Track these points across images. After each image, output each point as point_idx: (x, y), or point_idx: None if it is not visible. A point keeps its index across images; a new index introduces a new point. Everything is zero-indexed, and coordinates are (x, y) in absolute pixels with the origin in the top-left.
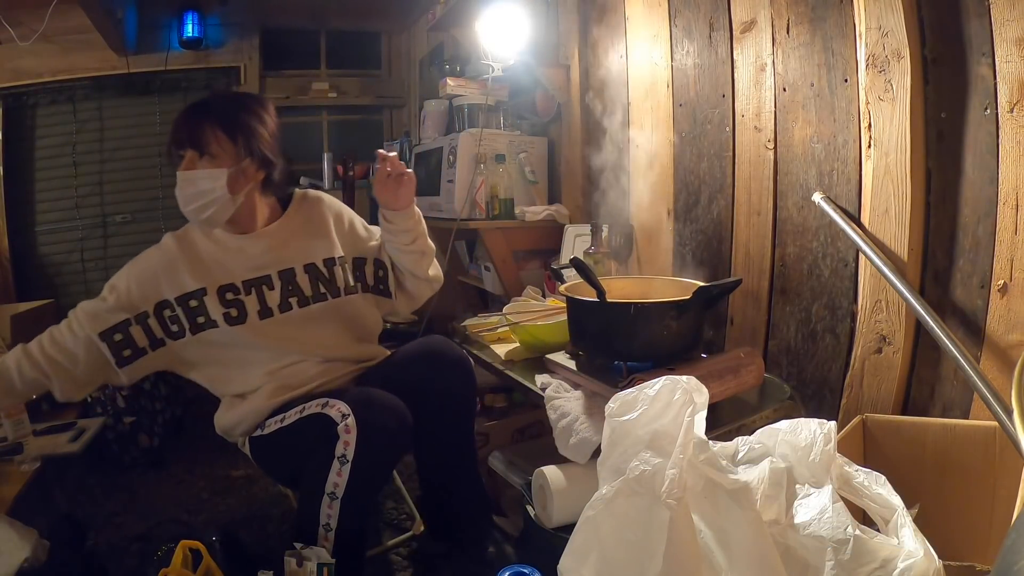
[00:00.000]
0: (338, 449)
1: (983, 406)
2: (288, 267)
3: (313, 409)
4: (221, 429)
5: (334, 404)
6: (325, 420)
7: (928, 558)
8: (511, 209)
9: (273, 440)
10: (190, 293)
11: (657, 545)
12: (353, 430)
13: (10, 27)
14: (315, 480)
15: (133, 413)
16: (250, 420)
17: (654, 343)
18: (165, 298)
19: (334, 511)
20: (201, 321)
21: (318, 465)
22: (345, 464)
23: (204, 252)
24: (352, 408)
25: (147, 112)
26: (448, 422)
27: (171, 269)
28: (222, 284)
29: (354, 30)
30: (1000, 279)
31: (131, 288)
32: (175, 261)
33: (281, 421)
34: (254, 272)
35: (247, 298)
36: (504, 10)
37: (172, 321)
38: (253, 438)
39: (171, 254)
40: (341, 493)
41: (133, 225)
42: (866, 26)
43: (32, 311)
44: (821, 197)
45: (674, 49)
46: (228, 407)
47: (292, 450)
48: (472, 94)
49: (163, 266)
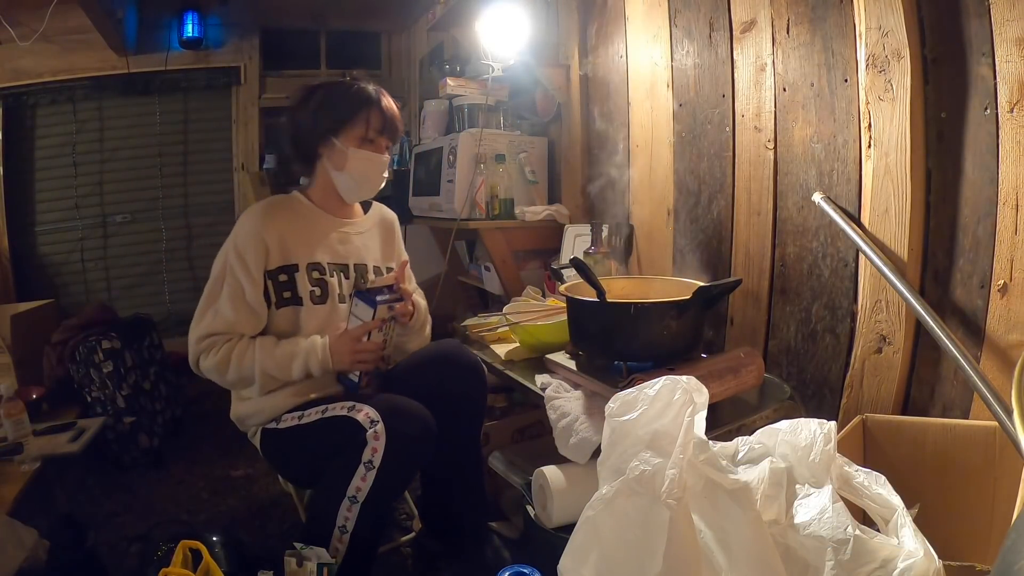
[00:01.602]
0: (365, 455)
1: (983, 406)
2: (362, 262)
3: (338, 411)
4: (236, 416)
5: (361, 409)
6: (353, 424)
7: (928, 558)
8: (511, 209)
9: (288, 436)
10: (284, 267)
11: (657, 545)
12: (382, 437)
13: (10, 27)
14: (337, 482)
15: (133, 413)
16: (268, 413)
17: (654, 343)
18: (268, 268)
19: (352, 514)
20: (287, 296)
21: (342, 468)
22: (371, 470)
23: (293, 229)
24: (382, 415)
25: (147, 112)
26: (459, 425)
27: (269, 241)
28: (310, 262)
29: (354, 30)
30: (1000, 279)
31: (246, 256)
32: (272, 234)
33: (299, 419)
34: (336, 258)
35: (330, 280)
36: (504, 10)
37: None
38: (266, 430)
39: (266, 225)
40: (362, 498)
41: (133, 225)
42: (866, 26)
43: (32, 311)
44: (821, 197)
45: (674, 49)
46: (243, 396)
47: (310, 450)
48: (472, 94)
49: (264, 236)
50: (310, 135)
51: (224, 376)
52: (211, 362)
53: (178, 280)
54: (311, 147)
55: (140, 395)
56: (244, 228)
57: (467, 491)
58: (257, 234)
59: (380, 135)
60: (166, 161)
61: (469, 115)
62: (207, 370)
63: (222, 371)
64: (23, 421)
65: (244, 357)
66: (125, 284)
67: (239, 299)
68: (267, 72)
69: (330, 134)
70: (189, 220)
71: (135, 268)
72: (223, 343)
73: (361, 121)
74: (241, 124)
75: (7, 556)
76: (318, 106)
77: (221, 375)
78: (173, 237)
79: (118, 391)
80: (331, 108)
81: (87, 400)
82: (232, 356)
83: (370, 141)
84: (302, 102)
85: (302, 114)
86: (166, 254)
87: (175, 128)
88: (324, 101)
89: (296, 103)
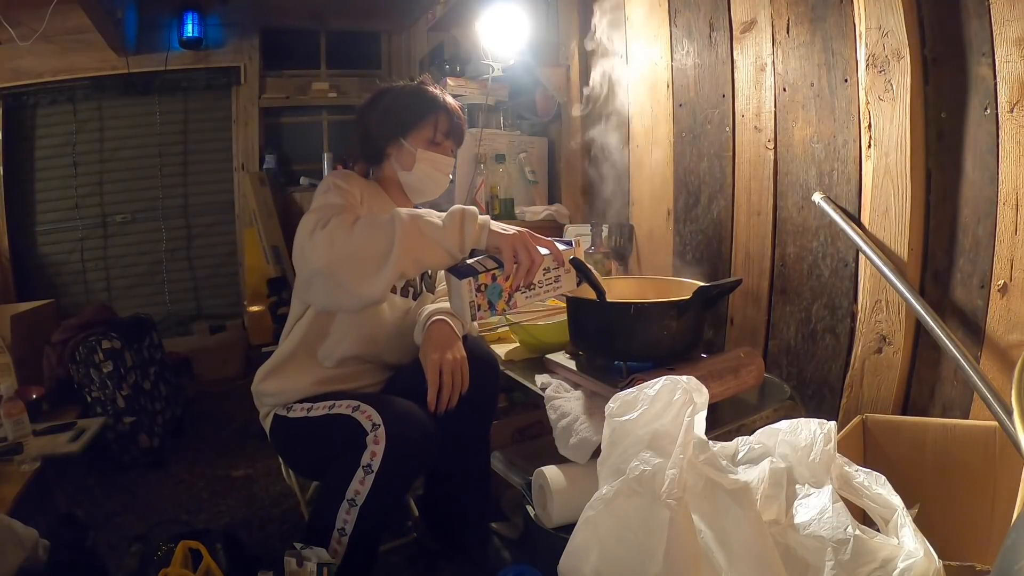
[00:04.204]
0: (364, 458)
1: (983, 406)
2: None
3: (342, 409)
4: (257, 390)
5: (365, 410)
6: (354, 425)
7: (928, 558)
8: (511, 209)
9: (296, 426)
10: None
11: (657, 545)
12: (382, 441)
13: (10, 27)
14: (336, 484)
15: (133, 413)
16: (286, 396)
17: (654, 343)
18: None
19: (351, 517)
20: None
21: (342, 470)
22: (370, 474)
23: (372, 202)
24: (384, 419)
25: (147, 112)
26: (469, 419)
27: (364, 203)
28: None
29: (354, 30)
30: (1000, 279)
31: (347, 183)
32: (356, 193)
33: (308, 410)
34: None
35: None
36: (504, 10)
37: None
38: (277, 416)
39: (352, 183)
40: (361, 501)
41: (133, 225)
42: (866, 26)
43: (32, 311)
44: (821, 197)
45: (674, 49)
46: (275, 372)
47: (314, 444)
48: (472, 94)
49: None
50: (379, 136)
51: (352, 229)
52: (339, 217)
53: (178, 280)
54: (380, 147)
55: (140, 395)
56: (338, 173)
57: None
58: (351, 181)
59: (447, 138)
60: (166, 161)
61: (469, 115)
62: (329, 231)
63: (345, 223)
64: (23, 421)
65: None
66: (125, 284)
67: (351, 200)
68: (267, 72)
69: (399, 134)
70: (189, 220)
71: (135, 268)
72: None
73: (430, 124)
74: (241, 124)
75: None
76: (388, 108)
77: (347, 226)
78: (173, 237)
79: (118, 391)
80: (401, 110)
81: (87, 400)
82: (359, 218)
83: (437, 144)
84: (371, 103)
85: (372, 115)
86: (166, 254)
87: (175, 128)
88: (394, 103)
89: (366, 104)
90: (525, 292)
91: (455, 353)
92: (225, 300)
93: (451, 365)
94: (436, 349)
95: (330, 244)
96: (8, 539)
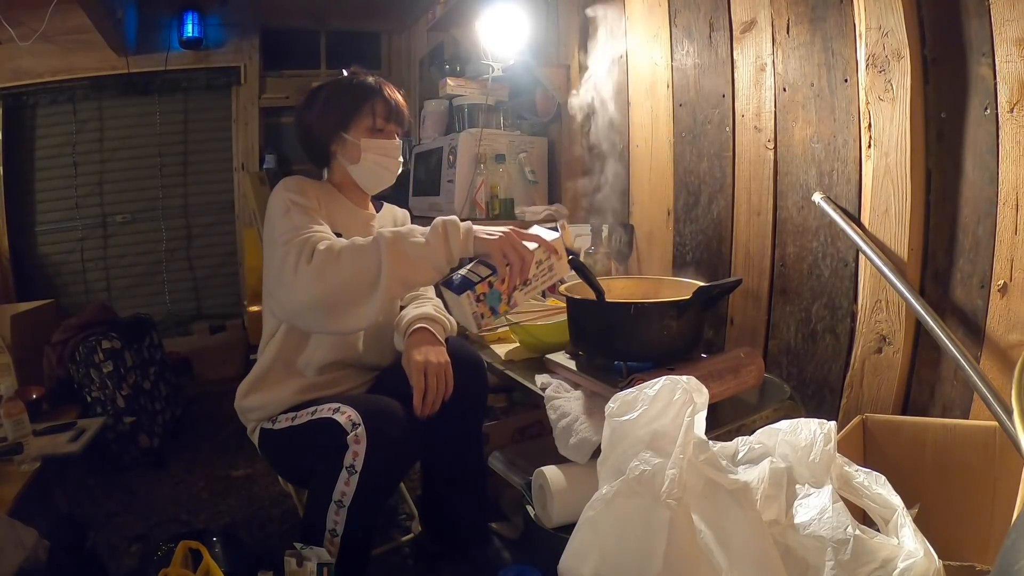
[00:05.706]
0: (347, 459)
1: (983, 406)
2: None
3: (324, 413)
4: (240, 407)
5: (345, 411)
6: (335, 427)
7: (928, 558)
8: (511, 209)
9: (282, 436)
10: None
11: (657, 545)
12: (363, 440)
13: (10, 27)
14: (323, 487)
15: (133, 413)
16: (269, 409)
17: (654, 343)
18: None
19: (341, 518)
20: None
21: (326, 473)
22: (353, 475)
23: (328, 207)
24: (363, 418)
25: (147, 112)
26: (459, 421)
27: (322, 208)
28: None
29: (354, 30)
30: (1000, 279)
31: (303, 197)
32: (313, 199)
33: (292, 419)
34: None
35: None
36: (504, 10)
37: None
38: (264, 430)
39: (306, 190)
40: (348, 502)
41: (133, 225)
42: (866, 26)
43: (32, 311)
44: (821, 197)
45: (674, 49)
46: (255, 387)
47: (300, 451)
48: (472, 94)
49: (309, 193)
50: (321, 134)
51: (339, 260)
52: (323, 249)
53: (178, 280)
54: (323, 146)
55: (140, 395)
56: (290, 184)
57: (468, 490)
58: (304, 190)
59: (388, 123)
60: (166, 161)
61: (469, 115)
62: (317, 266)
63: (331, 255)
64: (23, 421)
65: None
66: (125, 284)
67: (313, 214)
68: (267, 72)
69: (339, 129)
70: (189, 220)
71: (135, 268)
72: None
73: (367, 111)
74: (241, 124)
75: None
76: (323, 105)
77: (334, 258)
78: (173, 237)
79: (118, 391)
80: (336, 104)
81: (87, 400)
82: (342, 243)
83: (379, 130)
84: (307, 103)
85: (309, 115)
86: (166, 254)
87: (175, 128)
88: (328, 99)
89: (301, 106)
90: (522, 289)
91: (439, 357)
92: (225, 300)
93: (435, 369)
94: (419, 355)
95: (320, 278)
96: (8, 539)
